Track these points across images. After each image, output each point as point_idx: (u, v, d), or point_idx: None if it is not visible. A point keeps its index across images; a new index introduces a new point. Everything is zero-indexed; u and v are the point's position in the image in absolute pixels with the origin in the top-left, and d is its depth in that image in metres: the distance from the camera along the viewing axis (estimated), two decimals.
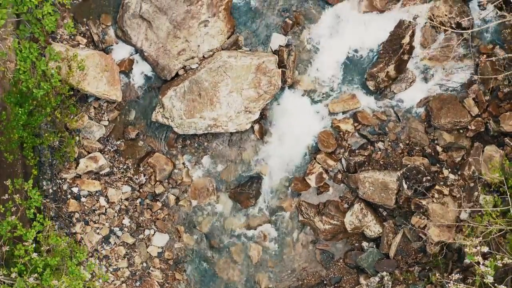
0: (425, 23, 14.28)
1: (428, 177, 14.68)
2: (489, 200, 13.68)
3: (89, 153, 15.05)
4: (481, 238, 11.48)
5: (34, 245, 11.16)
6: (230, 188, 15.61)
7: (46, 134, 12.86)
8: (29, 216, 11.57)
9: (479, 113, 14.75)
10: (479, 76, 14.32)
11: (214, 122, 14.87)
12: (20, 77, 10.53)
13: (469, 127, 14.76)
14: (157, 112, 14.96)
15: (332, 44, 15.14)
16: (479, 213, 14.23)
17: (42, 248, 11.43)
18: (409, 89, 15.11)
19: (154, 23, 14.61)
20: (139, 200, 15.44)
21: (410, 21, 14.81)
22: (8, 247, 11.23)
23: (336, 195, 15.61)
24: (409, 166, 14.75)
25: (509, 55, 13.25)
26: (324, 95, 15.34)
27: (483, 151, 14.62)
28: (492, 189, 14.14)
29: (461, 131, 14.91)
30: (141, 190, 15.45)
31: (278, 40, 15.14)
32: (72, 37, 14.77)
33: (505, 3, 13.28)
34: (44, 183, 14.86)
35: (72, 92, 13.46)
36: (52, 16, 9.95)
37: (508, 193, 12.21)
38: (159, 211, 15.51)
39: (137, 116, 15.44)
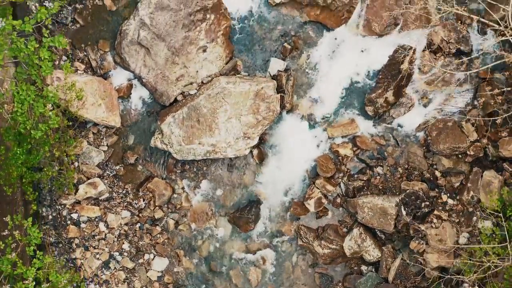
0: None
1: (427, 202, 14.69)
2: (487, 228, 13.72)
3: (88, 178, 15.06)
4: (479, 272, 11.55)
5: (34, 283, 11.27)
6: (229, 213, 15.64)
7: (45, 169, 12.87)
8: (29, 253, 11.65)
9: (478, 138, 14.72)
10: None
11: (213, 148, 14.86)
12: (18, 119, 10.53)
13: (468, 152, 14.72)
14: (156, 138, 14.94)
15: (330, 69, 15.07)
16: (478, 238, 14.29)
17: (42, 286, 11.50)
18: (408, 114, 15.07)
19: (152, 50, 14.54)
20: (138, 224, 15.49)
21: (409, 46, 14.72)
22: (9, 285, 11.32)
23: (335, 219, 15.64)
24: (408, 191, 14.75)
25: (508, 89, 13.22)
26: (323, 120, 15.30)
27: (482, 176, 14.61)
28: (490, 216, 14.15)
29: (460, 156, 14.88)
30: (140, 215, 15.49)
31: (276, 65, 15.07)
32: (71, 63, 14.72)
33: (502, 43, 13.23)
34: (44, 209, 14.89)
35: (70, 123, 13.44)
36: (49, 62, 9.92)
37: (505, 226, 12.22)
38: (158, 235, 15.56)
39: (136, 141, 15.42)
